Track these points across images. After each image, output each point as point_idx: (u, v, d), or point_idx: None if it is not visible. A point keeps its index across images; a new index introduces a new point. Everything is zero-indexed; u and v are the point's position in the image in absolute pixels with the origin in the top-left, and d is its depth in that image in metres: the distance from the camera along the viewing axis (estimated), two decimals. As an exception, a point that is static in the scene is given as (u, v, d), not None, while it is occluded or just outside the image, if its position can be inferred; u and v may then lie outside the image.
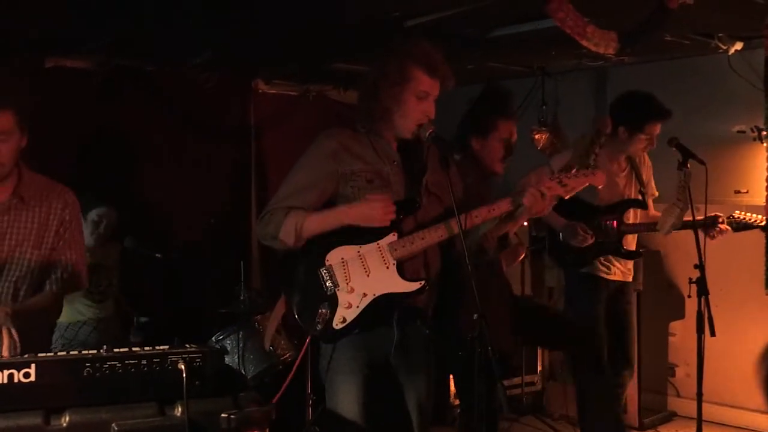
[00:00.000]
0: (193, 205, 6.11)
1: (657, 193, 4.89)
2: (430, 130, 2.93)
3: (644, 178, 4.79)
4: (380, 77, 2.94)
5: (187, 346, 2.44)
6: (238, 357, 4.82)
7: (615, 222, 4.63)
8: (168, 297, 5.59)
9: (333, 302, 2.92)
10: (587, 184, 3.12)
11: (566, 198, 3.13)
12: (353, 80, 6.35)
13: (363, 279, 2.92)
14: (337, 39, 5.02)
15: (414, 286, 2.94)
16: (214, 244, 6.02)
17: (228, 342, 4.89)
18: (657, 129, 4.54)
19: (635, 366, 5.03)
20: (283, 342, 5.02)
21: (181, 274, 5.69)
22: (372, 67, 3.01)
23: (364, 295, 2.91)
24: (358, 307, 2.91)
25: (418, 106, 2.94)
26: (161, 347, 2.46)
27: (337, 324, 2.90)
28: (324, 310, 2.90)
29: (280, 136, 6.53)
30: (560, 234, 4.61)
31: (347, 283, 2.91)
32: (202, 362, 2.42)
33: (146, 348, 2.48)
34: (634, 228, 4.71)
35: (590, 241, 4.54)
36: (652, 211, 4.81)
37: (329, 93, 6.87)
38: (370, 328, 2.94)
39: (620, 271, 4.75)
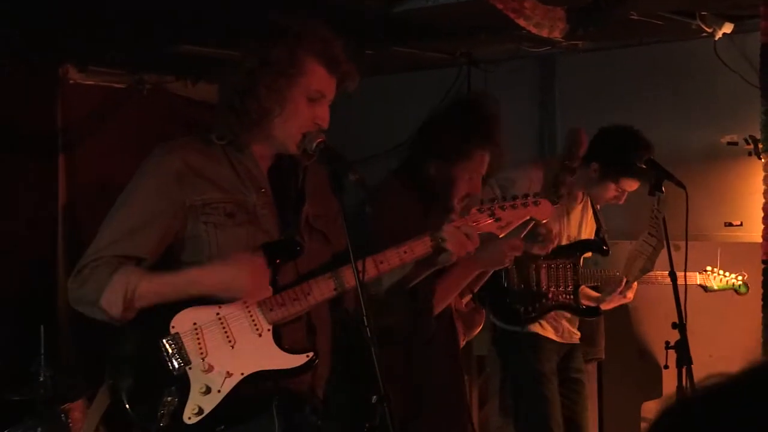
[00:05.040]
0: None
1: None
2: (319, 140, 2.96)
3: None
4: (260, 65, 2.94)
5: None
6: (37, 464, 4.70)
7: (570, 269, 4.75)
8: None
9: (183, 386, 2.88)
10: (528, 218, 3.18)
11: (501, 236, 3.18)
12: (206, 69, 6.34)
13: (226, 352, 2.91)
14: (182, 12, 5.00)
15: (298, 359, 2.95)
16: (2, 302, 5.86)
17: (22, 443, 4.77)
18: (634, 186, 4.72)
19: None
20: (103, 442, 4.92)
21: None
22: (245, 52, 3.01)
23: (228, 374, 2.90)
24: (219, 391, 2.88)
25: (308, 108, 2.97)
26: None
27: (189, 416, 2.87)
28: (170, 398, 2.85)
29: (99, 145, 6.45)
30: (503, 277, 4.68)
31: (203, 359, 2.89)
32: (-18, 475, 2.37)
33: None
34: (593, 277, 4.85)
35: (552, 246, 4.63)
36: None
37: (171, 85, 6.84)
38: (240, 421, 2.92)
39: (569, 331, 4.93)
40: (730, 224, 5.76)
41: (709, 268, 4.93)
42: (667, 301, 4.23)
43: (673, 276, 4.24)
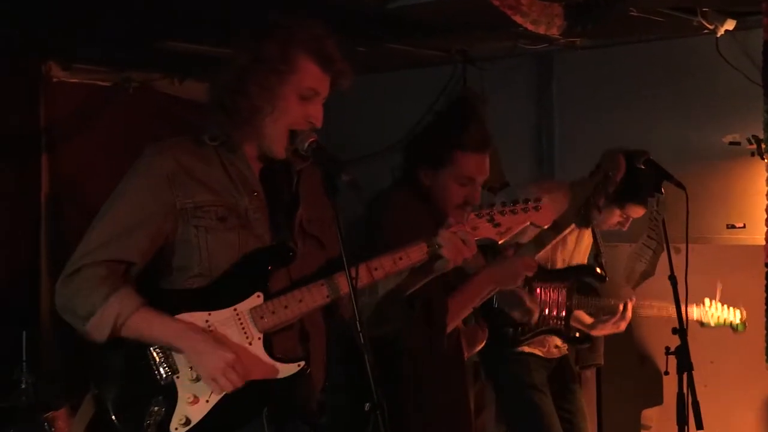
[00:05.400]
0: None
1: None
2: (311, 140, 2.97)
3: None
4: (251, 62, 2.95)
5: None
6: (20, 474, 4.71)
7: (564, 294, 4.76)
8: None
9: (170, 396, 2.88)
10: (528, 224, 3.19)
11: (500, 243, 3.19)
12: (195, 66, 6.35)
13: None
14: (170, 7, 5.01)
15: (290, 369, 2.95)
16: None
17: (3, 452, 4.78)
18: (639, 213, 4.69)
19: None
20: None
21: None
22: (237, 49, 3.03)
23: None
24: (207, 401, 2.89)
25: (300, 107, 2.99)
26: None
27: (176, 427, 2.87)
28: (157, 408, 2.86)
29: (84, 145, 6.44)
30: (495, 299, 4.69)
31: (191, 368, 2.89)
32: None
33: None
34: (587, 304, 4.84)
35: (536, 316, 4.65)
36: None
37: (158, 83, 6.84)
38: (229, 431, 2.93)
39: (556, 346, 4.95)
40: (733, 226, 5.76)
41: (707, 300, 4.90)
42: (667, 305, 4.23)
43: (673, 280, 4.24)
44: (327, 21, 3.04)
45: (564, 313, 4.77)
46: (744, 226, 5.74)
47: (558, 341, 4.92)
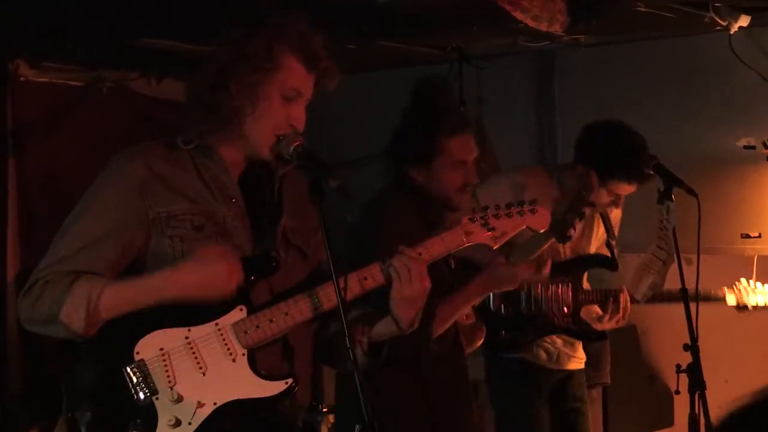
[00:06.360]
0: None
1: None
2: (297, 143, 2.97)
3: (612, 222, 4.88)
4: (233, 59, 2.96)
5: None
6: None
7: (569, 288, 4.73)
8: None
9: (149, 418, 2.87)
10: (524, 227, 3.19)
11: (495, 248, 3.19)
12: (173, 65, 6.34)
13: (196, 380, 2.90)
14: (147, 1, 5.00)
15: (276, 387, 2.94)
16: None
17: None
18: (628, 190, 4.68)
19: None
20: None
21: None
22: (219, 45, 3.04)
23: (200, 404, 2.89)
24: (190, 423, 2.88)
25: (283, 108, 2.99)
26: None
27: None
28: None
29: (54, 148, 6.43)
30: (491, 301, 4.67)
31: (171, 388, 2.88)
32: None
33: None
34: (595, 297, 4.80)
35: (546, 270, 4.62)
36: None
37: (133, 83, 6.82)
38: None
39: (567, 355, 4.90)
40: (747, 236, 5.77)
41: (743, 280, 4.86)
42: (678, 320, 4.23)
43: (684, 293, 4.24)
44: (315, 16, 3.05)
45: (570, 310, 4.73)
46: (760, 236, 5.75)
47: (570, 351, 4.88)
